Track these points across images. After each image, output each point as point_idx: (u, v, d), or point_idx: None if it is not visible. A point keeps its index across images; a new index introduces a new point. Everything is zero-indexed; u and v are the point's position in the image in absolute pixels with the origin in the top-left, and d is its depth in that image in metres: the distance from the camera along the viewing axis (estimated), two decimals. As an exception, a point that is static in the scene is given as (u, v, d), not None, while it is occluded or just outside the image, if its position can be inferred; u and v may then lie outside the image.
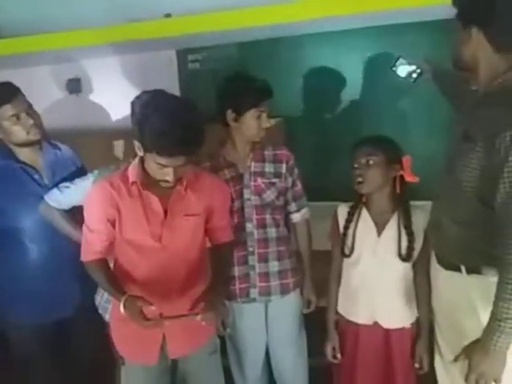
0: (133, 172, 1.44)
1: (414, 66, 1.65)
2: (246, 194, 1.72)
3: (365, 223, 1.64)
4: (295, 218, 1.83)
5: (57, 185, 1.74)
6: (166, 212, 1.45)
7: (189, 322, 1.37)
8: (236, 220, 1.70)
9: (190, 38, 2.10)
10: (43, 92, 2.48)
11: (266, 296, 1.76)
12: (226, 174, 1.71)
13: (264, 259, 1.74)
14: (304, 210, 1.83)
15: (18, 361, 1.87)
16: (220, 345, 1.71)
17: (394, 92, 2.08)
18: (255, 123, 1.66)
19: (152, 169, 1.36)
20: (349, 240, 1.66)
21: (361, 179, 1.58)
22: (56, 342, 1.85)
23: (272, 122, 1.72)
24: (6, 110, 1.67)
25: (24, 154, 1.77)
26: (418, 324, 1.66)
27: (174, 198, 1.45)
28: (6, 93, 1.68)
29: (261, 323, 1.80)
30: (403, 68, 1.67)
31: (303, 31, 2.12)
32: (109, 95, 2.52)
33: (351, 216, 1.67)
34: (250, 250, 1.73)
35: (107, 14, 2.25)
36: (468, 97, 1.37)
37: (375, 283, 1.62)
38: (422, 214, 1.57)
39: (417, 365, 1.65)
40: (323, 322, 1.76)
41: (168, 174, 1.34)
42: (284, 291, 1.77)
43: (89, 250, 1.48)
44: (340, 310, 1.73)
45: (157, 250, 1.45)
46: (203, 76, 2.32)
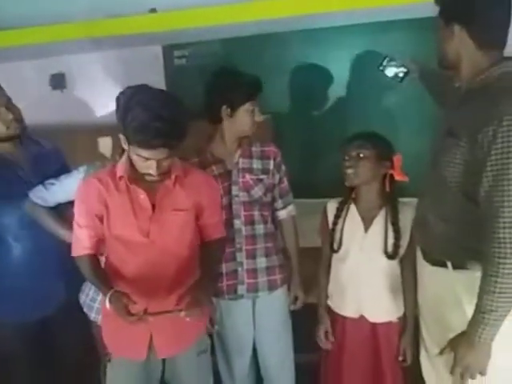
0: (121, 167, 1.43)
1: (400, 66, 1.68)
2: (235, 190, 1.71)
3: (353, 219, 1.66)
4: (281, 215, 1.83)
5: (41, 182, 1.71)
6: (154, 207, 1.44)
7: (177, 320, 1.35)
8: (224, 216, 1.69)
9: (176, 33, 2.09)
10: (27, 87, 2.43)
11: (253, 292, 1.76)
12: (214, 170, 1.70)
13: (252, 256, 1.74)
14: (290, 207, 1.83)
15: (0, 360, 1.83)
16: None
17: (382, 89, 2.09)
18: (249, 118, 1.66)
19: (136, 162, 1.37)
20: (337, 235, 1.67)
21: (350, 171, 1.59)
22: (39, 340, 1.81)
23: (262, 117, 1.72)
24: None
25: (4, 150, 1.73)
26: (404, 318, 1.68)
27: (161, 192, 1.45)
28: None
29: (248, 319, 1.80)
30: (390, 68, 1.69)
31: (290, 28, 2.12)
32: (94, 91, 2.48)
33: (340, 212, 1.69)
34: (238, 246, 1.73)
35: (92, 9, 2.21)
36: (452, 94, 1.38)
37: (362, 278, 1.64)
38: (410, 210, 1.58)
39: (400, 357, 1.67)
40: (310, 318, 1.76)
41: (151, 167, 1.34)
42: (272, 287, 1.77)
43: (78, 246, 1.48)
44: (329, 302, 1.76)
45: (145, 245, 1.44)
46: (189, 72, 2.30)
